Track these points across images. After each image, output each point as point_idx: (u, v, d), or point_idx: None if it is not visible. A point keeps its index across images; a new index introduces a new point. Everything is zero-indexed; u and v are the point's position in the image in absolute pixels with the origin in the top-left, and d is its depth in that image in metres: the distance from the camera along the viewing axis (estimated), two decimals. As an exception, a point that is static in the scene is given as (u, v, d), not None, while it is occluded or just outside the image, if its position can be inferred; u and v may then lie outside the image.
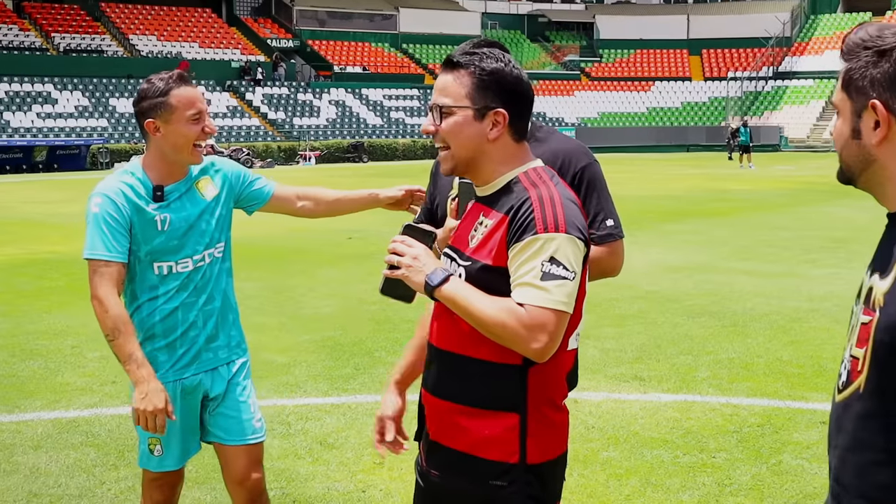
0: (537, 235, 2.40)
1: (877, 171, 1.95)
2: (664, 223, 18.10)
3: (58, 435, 6.12)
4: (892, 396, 1.91)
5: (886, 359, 1.90)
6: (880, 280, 1.95)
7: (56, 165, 43.18)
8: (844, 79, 1.95)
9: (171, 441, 3.62)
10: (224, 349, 3.67)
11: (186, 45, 59.50)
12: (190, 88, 3.50)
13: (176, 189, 3.56)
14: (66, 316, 9.87)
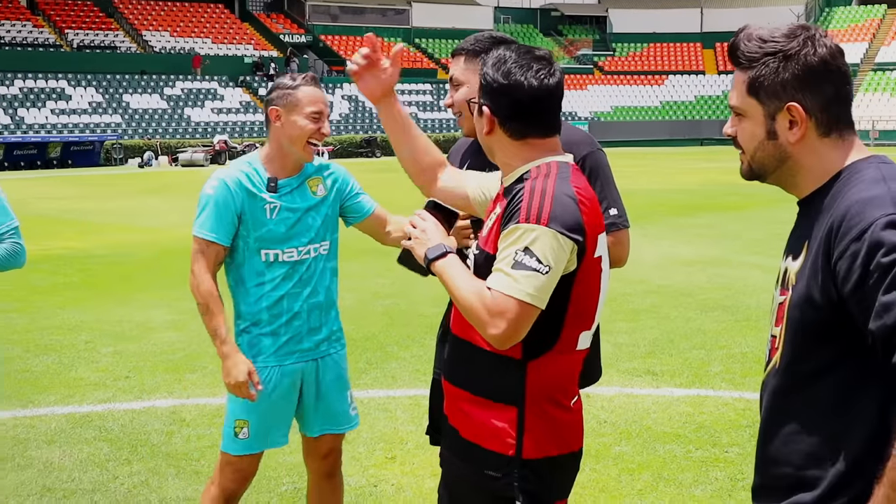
0: (518, 224, 2.44)
1: (790, 167, 2.06)
2: (677, 217, 18.05)
3: (71, 430, 6.15)
4: (804, 370, 1.98)
5: (798, 333, 1.98)
6: (793, 261, 2.03)
7: (70, 161, 43.33)
8: (751, 85, 2.02)
9: (259, 425, 3.73)
10: (325, 342, 3.81)
11: (199, 41, 59.62)
12: (317, 90, 3.69)
13: (288, 183, 3.73)
14: (80, 311, 9.91)
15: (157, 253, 14.49)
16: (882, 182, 1.92)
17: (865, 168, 1.98)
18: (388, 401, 6.69)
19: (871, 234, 1.82)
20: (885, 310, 1.78)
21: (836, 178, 2.00)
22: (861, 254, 1.82)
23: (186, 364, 7.77)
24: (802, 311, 1.96)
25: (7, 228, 3.99)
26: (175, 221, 18.73)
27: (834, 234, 1.89)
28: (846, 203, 1.90)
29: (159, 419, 6.35)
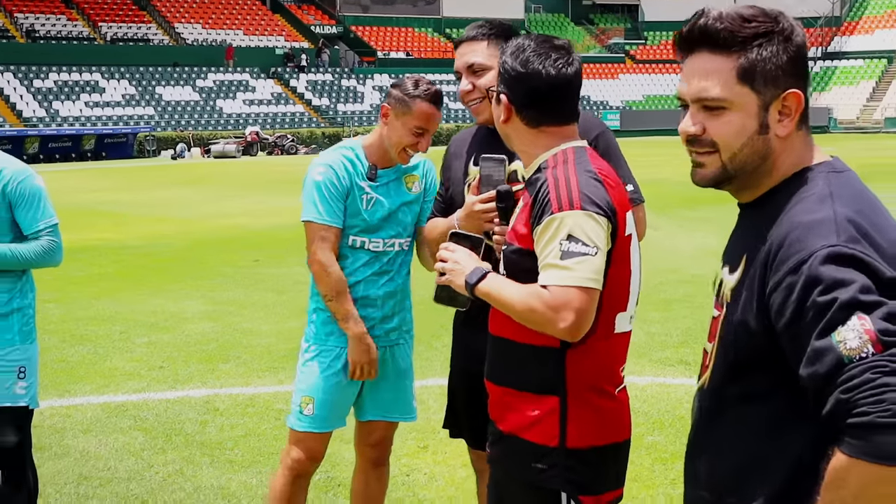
0: (553, 215, 2.43)
1: (767, 165, 1.83)
2: (710, 206, 17.91)
3: (107, 419, 6.21)
4: (734, 394, 1.83)
5: (729, 356, 1.82)
6: (729, 275, 1.87)
7: (104, 154, 43.71)
8: (744, 70, 1.78)
9: (325, 404, 3.76)
10: (395, 331, 3.84)
11: (231, 33, 59.89)
12: (432, 107, 3.65)
13: (387, 174, 3.76)
14: (115, 302, 10.00)
15: (190, 243, 14.59)
16: (828, 201, 1.72)
17: (815, 179, 1.79)
18: (421, 391, 6.66)
19: (809, 268, 1.63)
20: (816, 357, 1.59)
21: (785, 184, 1.82)
22: (797, 288, 1.63)
23: (220, 354, 7.82)
24: (736, 335, 1.79)
25: (45, 225, 3.97)
26: (208, 212, 18.86)
27: (771, 260, 1.71)
28: (787, 225, 1.72)
29: (193, 409, 6.40)
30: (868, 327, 1.55)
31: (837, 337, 1.57)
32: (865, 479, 1.53)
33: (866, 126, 57.90)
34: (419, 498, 4.89)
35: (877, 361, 1.53)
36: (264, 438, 5.77)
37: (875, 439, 1.51)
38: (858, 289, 1.58)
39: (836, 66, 64.74)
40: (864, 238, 1.66)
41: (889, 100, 59.98)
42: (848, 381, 1.54)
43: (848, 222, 1.67)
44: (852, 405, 1.53)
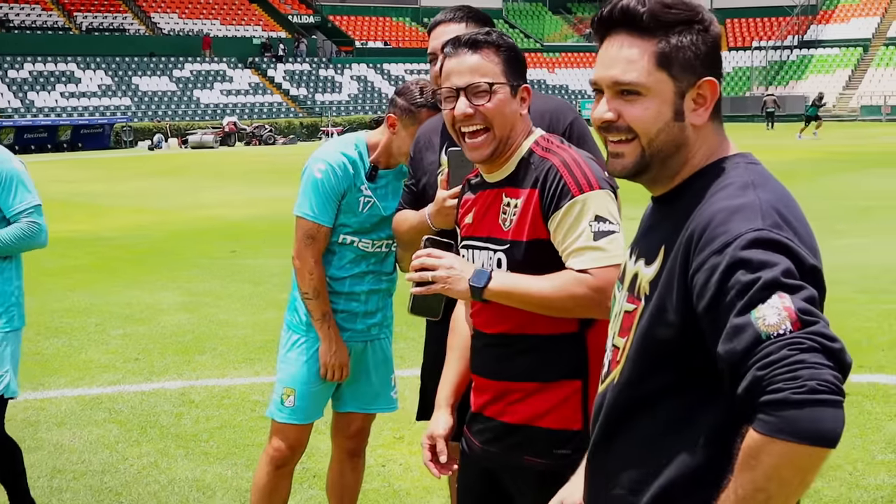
0: (575, 199, 2.41)
1: (681, 155, 1.81)
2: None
3: (81, 412, 6.18)
4: (645, 389, 1.80)
5: (645, 350, 1.79)
6: (646, 267, 1.83)
7: (80, 144, 43.39)
8: (662, 56, 1.76)
9: (306, 395, 3.77)
10: (377, 326, 3.86)
11: (208, 23, 59.55)
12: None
13: (386, 176, 3.72)
14: (91, 294, 9.95)
15: (167, 235, 14.52)
16: (751, 188, 1.71)
17: (733, 169, 1.78)
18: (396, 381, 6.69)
19: (734, 250, 1.60)
20: (735, 333, 1.56)
21: (701, 175, 1.79)
22: (720, 269, 1.61)
23: (196, 346, 7.79)
24: (653, 328, 1.75)
25: (26, 206, 3.97)
26: (185, 203, 18.77)
27: (695, 243, 1.68)
28: (711, 209, 1.69)
29: (168, 401, 6.38)
30: (788, 305, 1.54)
31: (756, 314, 1.54)
32: (778, 458, 1.50)
33: (843, 114, 58.18)
34: (394, 489, 4.89)
35: (794, 338, 1.51)
36: (240, 430, 5.76)
37: (788, 416, 1.48)
38: (782, 271, 1.57)
39: (813, 54, 65.00)
40: (787, 225, 1.65)
41: (865, 88, 60.31)
42: (764, 357, 1.52)
43: (772, 208, 1.67)
44: (768, 382, 1.50)
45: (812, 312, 1.55)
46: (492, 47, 2.54)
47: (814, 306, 1.57)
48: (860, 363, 6.82)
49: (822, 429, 1.48)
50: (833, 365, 1.51)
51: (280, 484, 3.88)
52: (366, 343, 3.84)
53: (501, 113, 2.51)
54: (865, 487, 4.71)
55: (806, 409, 1.48)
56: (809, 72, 63.54)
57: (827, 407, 1.48)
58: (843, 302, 8.73)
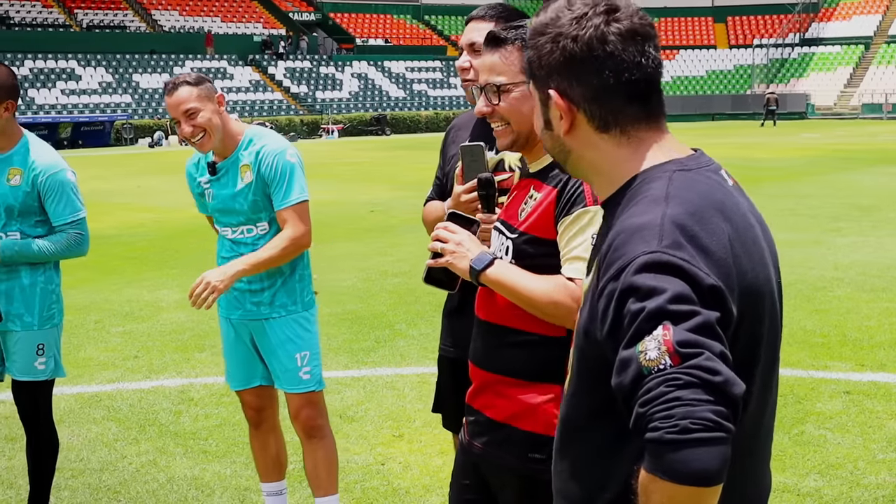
0: (587, 208, 2.40)
1: (577, 161, 1.82)
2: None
3: (80, 409, 6.16)
4: (586, 403, 1.77)
5: (581, 362, 1.77)
6: (586, 276, 1.82)
7: (80, 142, 43.38)
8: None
9: (229, 363, 4.18)
10: (267, 307, 4.00)
11: (209, 20, 59.51)
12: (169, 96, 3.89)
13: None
14: (90, 291, 9.93)
15: (167, 233, 14.51)
16: (662, 203, 1.64)
17: (656, 180, 1.70)
18: (396, 379, 6.69)
19: (627, 275, 1.57)
20: (623, 367, 1.53)
21: (629, 184, 1.75)
22: (615, 296, 1.58)
23: (195, 343, 7.78)
24: (585, 341, 1.72)
25: (73, 218, 4.14)
26: (185, 201, 18.72)
27: (601, 263, 1.67)
28: (617, 228, 1.66)
29: (168, 398, 6.36)
30: (668, 338, 1.48)
31: (640, 347, 1.50)
32: (661, 496, 1.48)
33: (844, 112, 58.14)
34: (394, 487, 4.87)
35: (672, 374, 1.46)
36: (239, 428, 5.74)
37: (665, 457, 1.45)
38: (669, 298, 1.51)
39: (814, 52, 64.94)
40: (690, 241, 1.59)
41: (866, 86, 60.24)
42: (645, 393, 1.48)
43: (675, 226, 1.60)
44: (647, 419, 1.47)
45: (696, 343, 1.48)
46: (513, 43, 2.53)
47: (704, 333, 1.50)
48: (861, 362, 6.81)
49: (696, 469, 1.44)
50: (713, 399, 1.45)
51: (265, 441, 4.25)
52: (262, 322, 4.01)
53: (517, 111, 2.52)
54: (866, 486, 4.70)
55: (680, 451, 1.44)
56: (811, 70, 63.48)
57: (701, 446, 1.44)
58: (845, 300, 8.72)
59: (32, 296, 4.15)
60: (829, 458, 5.07)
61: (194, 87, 3.82)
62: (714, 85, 64.86)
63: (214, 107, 3.84)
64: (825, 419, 5.65)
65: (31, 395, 4.23)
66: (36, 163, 4.07)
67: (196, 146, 3.88)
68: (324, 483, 4.13)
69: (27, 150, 4.13)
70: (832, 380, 6.43)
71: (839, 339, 7.40)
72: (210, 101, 3.83)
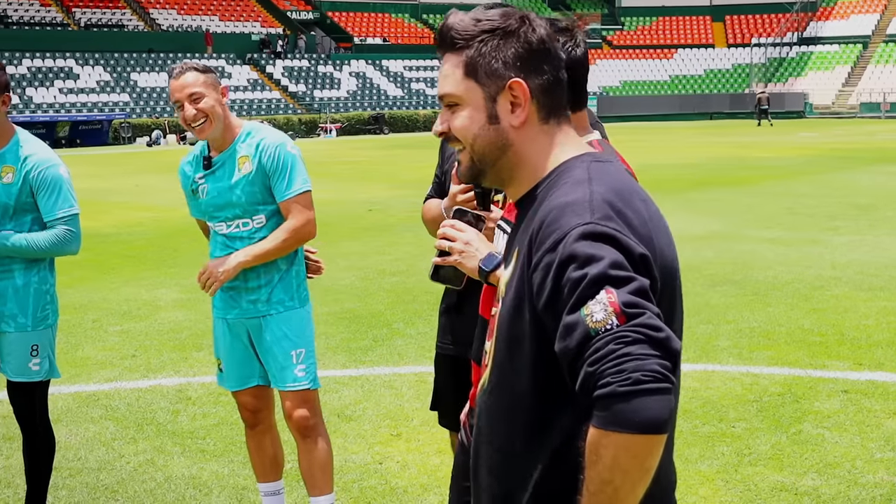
0: None
1: (511, 158, 1.88)
2: (687, 191, 17.97)
3: (77, 409, 6.16)
4: (509, 393, 1.83)
5: (506, 350, 1.82)
6: (504, 269, 1.89)
7: (78, 140, 43.34)
8: (468, 65, 1.86)
9: (226, 364, 4.16)
10: (264, 304, 4.00)
11: (206, 19, 59.44)
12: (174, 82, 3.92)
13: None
14: (88, 290, 9.93)
15: (165, 232, 14.50)
16: (586, 184, 1.76)
17: (576, 167, 1.83)
18: (394, 378, 6.69)
19: (565, 245, 1.66)
20: (567, 331, 1.62)
21: (548, 178, 1.86)
22: (553, 266, 1.67)
23: (193, 342, 7.77)
24: (510, 327, 1.80)
25: (64, 214, 4.10)
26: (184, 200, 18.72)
27: (533, 241, 1.75)
28: (547, 207, 1.76)
29: (165, 398, 6.36)
30: (613, 300, 1.59)
31: (585, 311, 1.60)
32: (615, 450, 1.57)
33: (842, 111, 58.14)
34: (392, 486, 4.87)
35: (620, 332, 1.57)
36: (236, 428, 5.73)
37: (617, 408, 1.55)
38: (608, 264, 1.62)
39: (812, 51, 64.94)
40: (618, 216, 1.71)
41: (864, 85, 60.24)
42: (594, 353, 1.58)
43: (603, 201, 1.72)
44: (598, 377, 1.57)
45: (637, 304, 1.60)
46: None
47: (642, 296, 1.62)
48: (859, 361, 6.81)
49: (648, 417, 1.54)
50: (659, 354, 1.57)
51: (250, 443, 4.28)
52: (259, 320, 4.01)
53: None
54: (864, 485, 4.70)
55: (633, 401, 1.54)
56: (809, 69, 63.48)
57: (652, 395, 1.55)
58: (842, 299, 8.72)
59: (26, 296, 4.12)
60: (827, 457, 5.07)
61: (201, 74, 3.88)
62: (712, 84, 64.85)
63: (218, 97, 3.89)
64: (823, 418, 5.65)
65: (27, 395, 4.21)
66: (28, 158, 4.05)
67: (195, 131, 3.88)
68: (318, 482, 4.14)
69: (19, 147, 4.09)
70: (830, 379, 6.43)
71: (837, 338, 7.41)
72: (215, 91, 3.88)
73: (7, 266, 4.09)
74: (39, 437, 4.29)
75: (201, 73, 3.89)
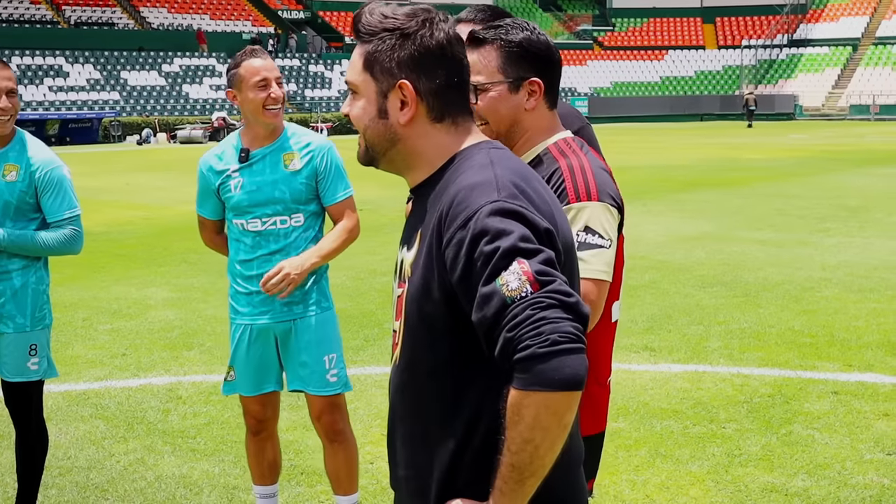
0: (570, 205, 2.41)
1: (401, 150, 1.97)
2: (677, 193, 18.01)
3: (67, 407, 6.14)
4: (422, 368, 1.90)
5: (415, 328, 1.90)
6: (407, 252, 1.95)
7: (68, 139, 43.20)
8: (367, 59, 1.94)
9: (241, 371, 4.07)
10: (299, 305, 3.96)
11: (197, 17, 59.33)
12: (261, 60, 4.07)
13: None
14: (78, 289, 9.89)
15: (156, 230, 14.47)
16: (489, 167, 1.86)
17: (476, 153, 1.92)
18: (385, 377, 6.66)
19: (476, 222, 1.75)
20: (484, 301, 1.71)
21: (449, 165, 1.94)
22: (466, 242, 1.76)
23: (183, 341, 7.76)
24: (420, 305, 1.87)
25: (71, 214, 4.12)
26: (174, 198, 18.69)
27: (443, 221, 1.82)
28: (454, 189, 1.85)
29: (156, 397, 6.34)
30: (526, 269, 1.68)
31: (501, 281, 1.69)
32: (536, 409, 1.65)
33: (831, 113, 58.34)
34: (382, 486, 4.86)
35: (535, 298, 1.67)
36: (227, 427, 5.73)
37: (538, 369, 1.64)
38: (518, 237, 1.72)
39: (802, 53, 65.14)
40: (522, 194, 1.81)
41: (854, 87, 60.46)
42: (511, 319, 1.67)
43: (508, 182, 1.82)
44: (517, 342, 1.65)
45: (548, 273, 1.70)
46: (492, 43, 2.55)
47: (551, 266, 1.72)
48: (849, 362, 6.83)
49: (567, 375, 1.64)
50: (571, 317, 1.67)
51: (251, 449, 4.24)
52: (291, 323, 3.96)
53: (494, 110, 2.54)
54: (854, 486, 4.71)
55: (552, 360, 1.64)
56: (799, 71, 63.67)
57: (569, 355, 1.64)
58: (832, 301, 8.75)
59: (24, 297, 4.11)
60: (817, 458, 5.08)
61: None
62: (702, 85, 65.00)
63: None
64: (813, 419, 5.67)
65: (24, 395, 4.20)
66: (33, 158, 4.06)
67: (268, 115, 3.89)
68: (344, 483, 4.17)
69: (23, 146, 4.12)
70: (820, 380, 6.45)
71: (827, 340, 7.43)
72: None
73: (4, 267, 4.08)
74: (34, 436, 4.29)
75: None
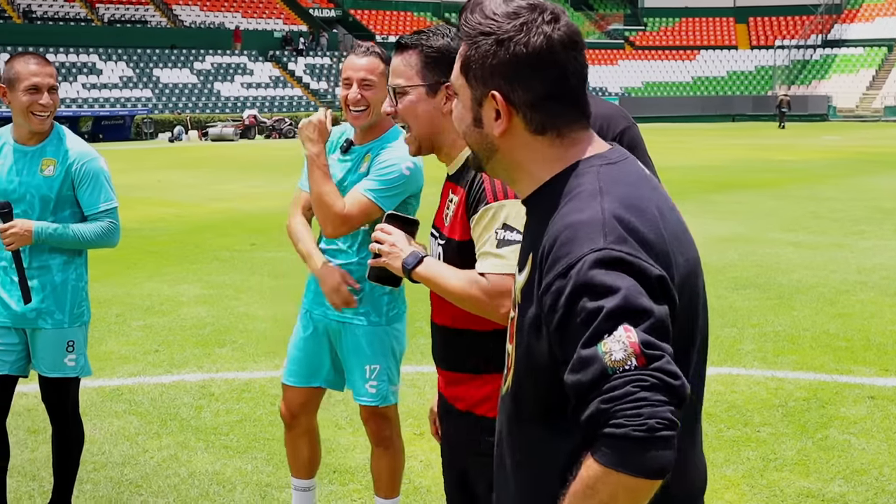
0: (489, 205, 2.50)
1: (501, 161, 1.86)
2: (710, 194, 17.89)
3: (101, 403, 6.18)
4: (529, 400, 1.81)
5: (524, 359, 1.80)
6: (519, 275, 1.85)
7: (101, 136, 43.51)
8: (463, 63, 1.83)
9: (295, 356, 4.06)
10: (349, 310, 3.89)
11: (229, 16, 59.64)
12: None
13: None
14: (112, 285, 9.96)
15: (187, 227, 14.54)
16: (597, 197, 1.70)
17: (585, 174, 1.76)
18: (417, 376, 6.68)
19: (579, 273, 1.62)
20: (582, 365, 1.59)
21: (557, 179, 1.79)
22: (565, 293, 1.63)
23: (216, 338, 7.79)
24: (528, 337, 1.77)
25: (108, 207, 4.14)
26: (205, 196, 18.80)
27: (544, 260, 1.71)
28: (559, 224, 1.70)
29: (188, 393, 6.37)
30: (633, 339, 1.57)
31: (603, 347, 1.57)
32: (615, 489, 1.57)
33: (866, 115, 57.79)
34: (415, 485, 4.86)
35: (638, 375, 1.55)
36: (260, 424, 5.74)
37: (628, 451, 1.55)
38: (625, 296, 1.59)
39: (836, 54, 64.57)
40: (631, 234, 1.66)
41: (889, 88, 59.84)
42: (610, 391, 1.56)
43: (616, 220, 1.67)
44: (610, 415, 1.55)
45: (656, 347, 1.58)
46: (414, 49, 2.69)
47: (660, 334, 1.59)
48: (886, 367, 6.75)
49: (658, 464, 1.55)
50: (671, 401, 1.57)
51: (296, 443, 4.18)
52: (340, 325, 3.94)
53: (412, 113, 2.68)
54: (892, 493, 4.65)
55: (645, 447, 1.54)
56: (833, 71, 63.12)
57: (662, 444, 1.55)
58: (868, 304, 8.65)
59: (64, 293, 4.12)
60: (854, 463, 5.02)
61: (381, 63, 3.74)
62: (735, 86, 64.57)
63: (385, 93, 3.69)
64: (850, 424, 5.60)
65: (61, 391, 4.23)
66: (70, 151, 4.09)
67: (350, 117, 3.82)
68: (384, 486, 4.16)
69: (60, 140, 4.14)
70: (856, 384, 6.37)
71: (863, 344, 7.35)
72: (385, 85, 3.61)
73: (45, 262, 4.09)
74: (70, 432, 4.32)
75: (382, 62, 3.75)
